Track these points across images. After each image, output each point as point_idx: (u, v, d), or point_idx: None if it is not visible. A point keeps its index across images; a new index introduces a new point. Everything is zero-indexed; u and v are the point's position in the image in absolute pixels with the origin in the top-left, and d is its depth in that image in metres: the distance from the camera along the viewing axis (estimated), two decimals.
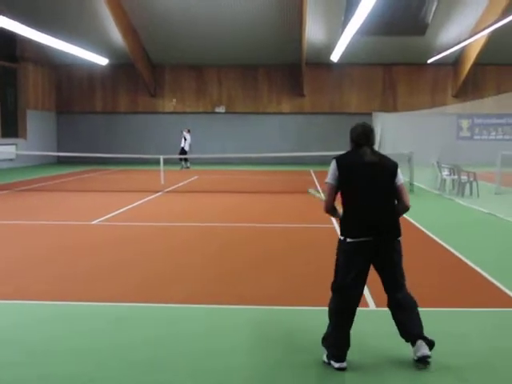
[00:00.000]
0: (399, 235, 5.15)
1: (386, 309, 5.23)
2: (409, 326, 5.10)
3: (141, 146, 34.06)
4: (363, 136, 5.24)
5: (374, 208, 5.07)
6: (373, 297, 6.84)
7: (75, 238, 10.91)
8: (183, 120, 35.38)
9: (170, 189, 19.50)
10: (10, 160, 30.56)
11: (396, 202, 5.22)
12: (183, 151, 30.27)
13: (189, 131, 31.31)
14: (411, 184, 19.08)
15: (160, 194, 18.27)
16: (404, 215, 12.13)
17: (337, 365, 4.97)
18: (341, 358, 4.99)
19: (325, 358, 5.11)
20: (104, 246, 10.15)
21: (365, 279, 5.11)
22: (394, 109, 33.53)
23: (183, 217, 13.68)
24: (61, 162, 34.69)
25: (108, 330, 5.90)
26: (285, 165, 32.01)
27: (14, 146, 30.68)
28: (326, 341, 5.13)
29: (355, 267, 5.02)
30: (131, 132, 35.79)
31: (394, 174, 5.16)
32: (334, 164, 5.16)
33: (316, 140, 34.06)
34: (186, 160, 30.59)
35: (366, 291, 7.08)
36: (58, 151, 34.54)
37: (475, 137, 33.57)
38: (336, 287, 5.13)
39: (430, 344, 5.02)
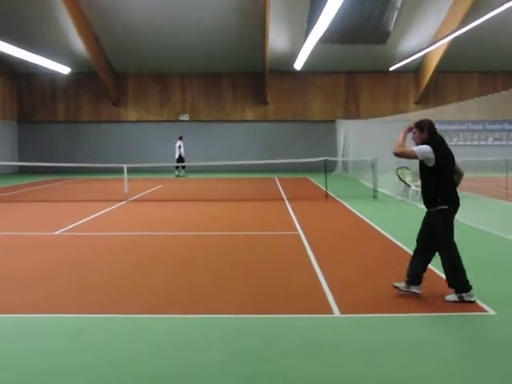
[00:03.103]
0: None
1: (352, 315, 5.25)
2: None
3: (104, 155, 33.77)
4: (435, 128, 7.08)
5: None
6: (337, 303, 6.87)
7: (37, 250, 10.72)
8: (147, 129, 35.28)
9: (133, 198, 19.33)
10: None
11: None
12: (181, 159, 30.14)
13: (181, 138, 31.14)
14: (375, 190, 19.23)
15: (124, 203, 18.09)
16: (368, 221, 12.18)
17: (473, 297, 6.95)
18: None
19: (457, 298, 6.96)
20: (66, 258, 9.98)
21: None
22: (356, 116, 33.78)
23: (147, 226, 13.53)
24: (22, 171, 34.19)
25: (71, 346, 5.80)
26: (249, 172, 32.03)
27: None
28: (463, 284, 6.98)
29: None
30: (94, 141, 35.47)
31: None
32: (428, 147, 6.89)
33: (280, 147, 34.21)
34: (183, 167, 30.58)
35: (330, 297, 7.13)
36: (20, 161, 34.06)
37: None
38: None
39: None
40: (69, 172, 31.30)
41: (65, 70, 30.99)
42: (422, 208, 16.00)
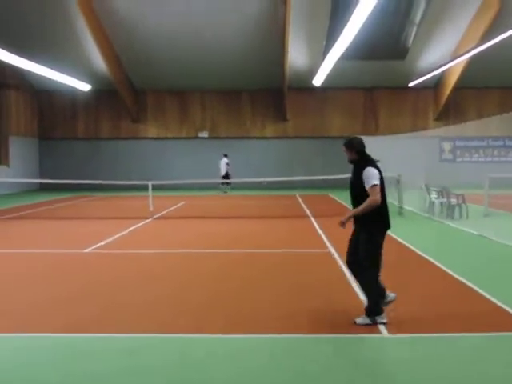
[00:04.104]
0: None
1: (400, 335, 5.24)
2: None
3: (123, 172, 33.94)
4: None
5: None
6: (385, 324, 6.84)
7: (68, 267, 10.74)
8: (165, 146, 35.41)
9: (159, 215, 19.40)
10: None
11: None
12: (227, 176, 30.62)
13: (226, 156, 31.63)
14: (400, 207, 19.14)
15: (150, 220, 18.16)
16: (397, 238, 12.11)
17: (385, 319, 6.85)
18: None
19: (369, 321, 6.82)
20: (100, 276, 10.00)
21: None
22: (375, 132, 33.74)
23: (177, 244, 13.54)
24: (43, 188, 34.39)
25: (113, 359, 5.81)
26: (269, 189, 32.00)
27: None
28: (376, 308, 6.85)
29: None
30: (114, 158, 35.64)
31: None
32: (374, 169, 6.76)
33: (299, 164, 34.25)
34: (227, 184, 31.11)
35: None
36: (40, 178, 34.26)
37: (457, 159, 33.90)
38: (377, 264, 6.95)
39: None
40: (88, 189, 31.33)
41: (85, 87, 31.23)
42: (450, 225, 15.97)
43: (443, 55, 30.68)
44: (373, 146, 28.30)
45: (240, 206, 23.77)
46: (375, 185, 6.70)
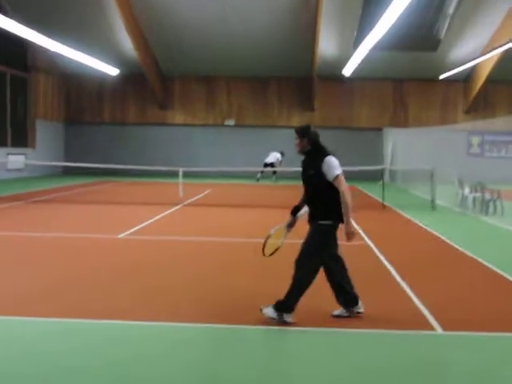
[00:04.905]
0: None
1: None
2: None
3: (148, 158, 33.81)
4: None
5: None
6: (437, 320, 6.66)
7: (105, 254, 10.64)
8: (192, 133, 35.25)
9: (188, 202, 19.30)
10: (18, 170, 30.35)
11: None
12: (272, 165, 30.38)
13: (283, 154, 30.94)
14: (433, 201, 18.83)
15: (179, 206, 18.06)
16: (436, 233, 11.82)
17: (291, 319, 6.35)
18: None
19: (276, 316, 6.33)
20: (137, 263, 9.89)
21: None
22: (404, 124, 33.44)
23: (211, 231, 13.42)
24: (67, 172, 34.42)
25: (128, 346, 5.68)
26: (295, 179, 31.70)
27: (22, 156, 30.49)
28: (290, 305, 6.33)
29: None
30: (139, 144, 35.54)
31: None
32: (335, 158, 6.41)
33: None
34: (274, 172, 31.17)
35: (427, 314, 6.89)
36: (65, 162, 34.25)
37: (486, 154, 33.37)
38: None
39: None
40: (113, 174, 31.26)
41: (113, 71, 31.15)
42: (486, 221, 15.65)
43: (476, 48, 30.23)
44: (404, 138, 28.03)
45: (267, 195, 23.65)
46: (339, 175, 6.29)
